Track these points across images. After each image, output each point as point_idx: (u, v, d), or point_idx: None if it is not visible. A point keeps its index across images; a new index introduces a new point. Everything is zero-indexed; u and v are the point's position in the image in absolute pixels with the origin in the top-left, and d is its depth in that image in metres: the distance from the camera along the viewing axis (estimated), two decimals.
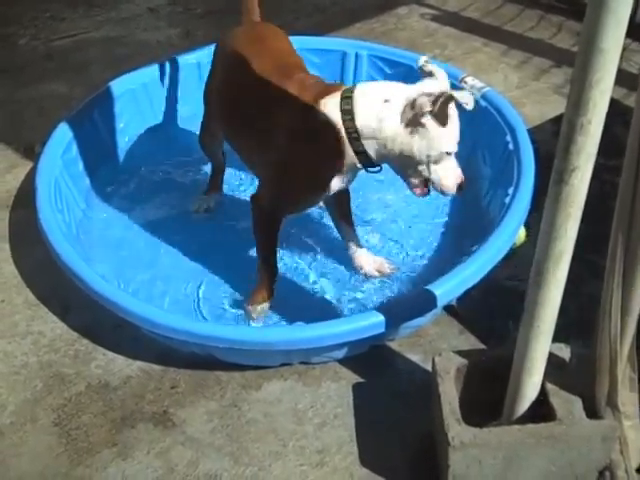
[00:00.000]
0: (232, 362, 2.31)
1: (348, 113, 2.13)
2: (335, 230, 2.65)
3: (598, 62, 1.32)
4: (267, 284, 2.42)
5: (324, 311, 2.44)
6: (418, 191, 2.23)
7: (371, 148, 2.15)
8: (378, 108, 2.12)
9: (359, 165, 2.21)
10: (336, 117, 2.14)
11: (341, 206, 2.54)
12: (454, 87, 3.12)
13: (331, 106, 2.16)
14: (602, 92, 1.36)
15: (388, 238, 2.78)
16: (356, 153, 2.17)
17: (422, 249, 2.72)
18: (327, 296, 2.55)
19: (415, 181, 2.21)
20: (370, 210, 2.91)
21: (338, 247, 2.66)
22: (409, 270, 2.63)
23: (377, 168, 2.24)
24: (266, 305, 2.43)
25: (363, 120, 2.13)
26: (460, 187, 2.20)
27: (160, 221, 2.89)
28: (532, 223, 2.45)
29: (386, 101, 2.13)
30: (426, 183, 2.21)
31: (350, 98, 2.14)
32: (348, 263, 2.63)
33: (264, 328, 2.40)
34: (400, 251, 2.72)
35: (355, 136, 2.14)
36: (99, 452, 2.13)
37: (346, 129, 2.14)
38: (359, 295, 2.54)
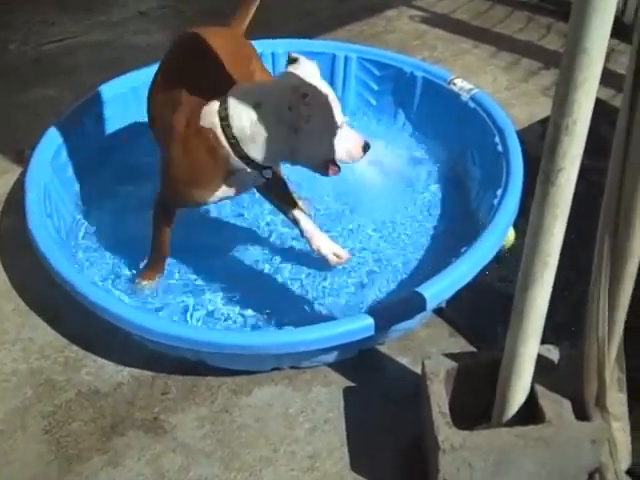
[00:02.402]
0: (223, 367, 2.30)
1: (225, 119, 2.15)
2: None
3: (583, 63, 1.32)
4: (156, 263, 2.57)
5: (312, 314, 2.45)
6: (330, 172, 2.24)
7: (254, 152, 2.16)
8: (251, 113, 2.13)
9: (249, 169, 2.21)
10: (215, 123, 2.16)
11: (278, 194, 2.57)
12: (436, 86, 3.17)
13: (211, 112, 2.17)
14: (587, 93, 1.36)
15: (377, 240, 2.77)
16: (240, 158, 2.18)
17: (411, 251, 2.72)
18: (314, 299, 2.54)
19: (320, 166, 2.24)
20: (358, 212, 2.91)
21: None
22: (398, 272, 2.63)
23: (268, 171, 2.26)
24: (154, 282, 2.57)
25: (238, 126, 2.14)
26: (365, 149, 2.23)
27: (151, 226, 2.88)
28: (521, 224, 2.45)
29: (257, 105, 2.13)
30: (332, 161, 2.23)
31: (226, 104, 2.15)
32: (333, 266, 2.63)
33: (254, 332, 2.39)
34: (389, 253, 2.71)
35: (234, 142, 2.15)
36: (89, 460, 2.12)
37: (225, 135, 2.16)
38: (347, 298, 2.54)
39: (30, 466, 2.12)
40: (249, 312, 2.50)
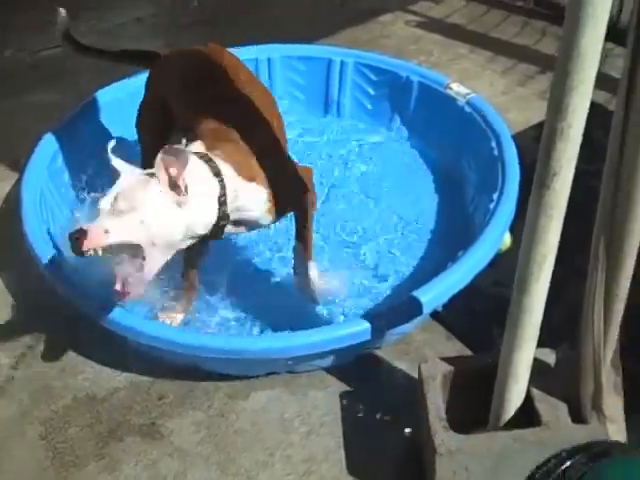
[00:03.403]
0: (218, 372, 2.30)
1: None
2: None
3: (577, 66, 1.33)
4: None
5: (308, 319, 2.43)
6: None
7: None
8: None
9: None
10: None
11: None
12: (439, 94, 3.18)
13: None
14: (582, 96, 1.36)
15: (372, 245, 2.77)
16: None
17: (408, 255, 2.72)
18: (310, 304, 2.52)
19: None
20: (355, 217, 2.92)
21: (319, 255, 2.68)
22: (395, 276, 2.63)
23: None
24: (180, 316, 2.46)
25: None
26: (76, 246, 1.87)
27: None
28: (517, 228, 2.46)
29: None
30: None
31: None
32: (331, 270, 2.63)
33: (250, 337, 2.39)
34: (386, 257, 2.72)
35: None
36: (86, 466, 2.12)
37: None
38: (343, 302, 2.53)
39: (27, 472, 2.12)
40: (244, 317, 2.50)
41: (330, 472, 2.06)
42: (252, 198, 2.12)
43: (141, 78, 3.24)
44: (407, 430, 2.11)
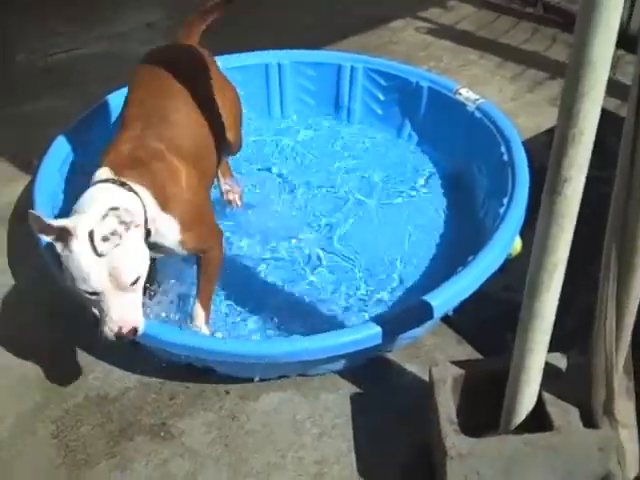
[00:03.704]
0: (230, 375, 2.32)
1: None
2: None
3: (588, 73, 1.33)
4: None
5: (319, 323, 2.44)
6: (107, 334, 1.94)
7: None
8: None
9: None
10: None
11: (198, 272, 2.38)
12: (449, 100, 3.20)
13: None
14: (593, 103, 1.37)
15: (384, 249, 2.79)
16: None
17: (418, 260, 2.73)
18: (321, 308, 2.55)
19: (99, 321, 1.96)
20: (365, 222, 2.94)
21: (332, 256, 2.73)
22: (405, 281, 2.64)
23: None
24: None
25: None
26: (119, 336, 1.92)
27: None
28: (527, 234, 2.46)
29: None
30: None
31: None
32: (343, 275, 2.67)
33: (262, 341, 2.40)
34: (397, 262, 2.73)
35: None
36: (98, 464, 2.14)
37: None
38: (355, 306, 2.55)
39: (39, 470, 2.13)
40: (255, 320, 2.51)
41: (341, 474, 2.07)
42: (166, 225, 2.10)
43: None
44: None
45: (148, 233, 2.04)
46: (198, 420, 2.24)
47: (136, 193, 2.01)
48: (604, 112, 1.41)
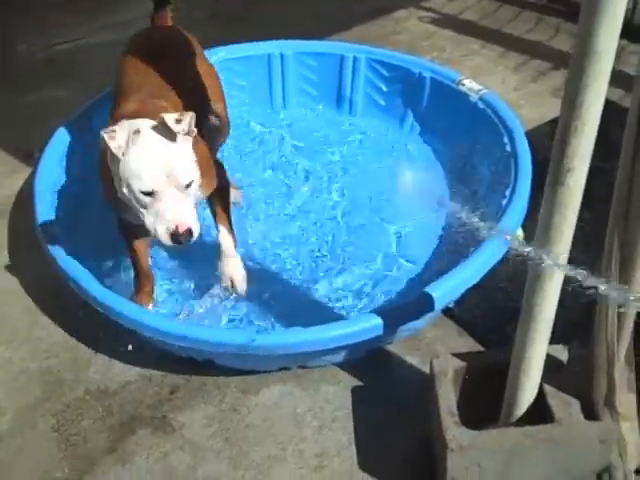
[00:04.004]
0: (231, 367, 2.31)
1: None
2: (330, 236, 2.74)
3: (592, 64, 1.32)
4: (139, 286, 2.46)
5: (320, 315, 2.43)
6: (161, 238, 1.97)
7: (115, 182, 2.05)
8: None
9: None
10: None
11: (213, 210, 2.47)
12: (452, 90, 3.18)
13: None
14: (596, 93, 1.36)
15: (385, 240, 2.77)
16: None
17: (419, 251, 2.72)
18: (322, 299, 2.55)
19: (149, 226, 1.99)
20: (366, 213, 2.92)
21: (333, 250, 2.71)
22: (407, 272, 2.63)
23: None
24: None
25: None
26: (175, 236, 1.95)
27: None
28: (530, 225, 2.45)
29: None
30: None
31: None
32: (344, 266, 2.65)
33: (262, 333, 2.39)
34: (397, 253, 2.72)
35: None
36: (98, 458, 2.14)
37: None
38: (355, 298, 2.54)
39: (39, 464, 2.13)
40: (257, 312, 2.51)
41: (342, 467, 2.06)
42: None
43: None
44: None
45: None
46: (199, 413, 2.23)
47: None
48: (610, 103, 1.40)
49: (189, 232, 1.95)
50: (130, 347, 2.39)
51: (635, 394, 1.84)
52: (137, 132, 1.94)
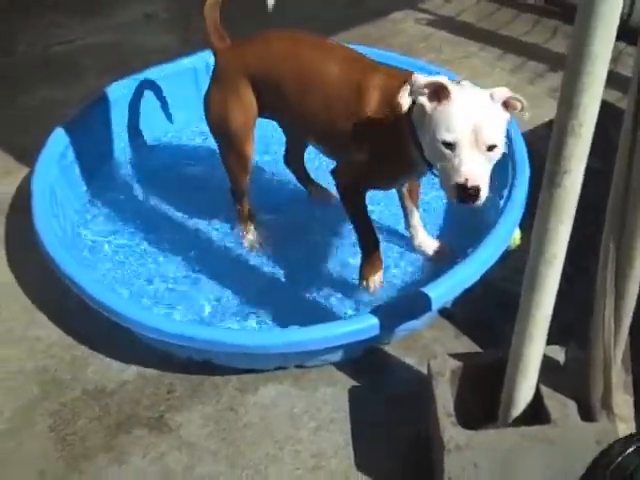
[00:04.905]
0: (229, 365, 2.31)
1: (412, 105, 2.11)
2: (331, 236, 2.74)
3: (588, 65, 1.33)
4: (373, 254, 2.44)
5: (317, 314, 2.44)
6: (449, 194, 2.00)
7: (422, 140, 2.09)
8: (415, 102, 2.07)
9: (421, 161, 2.15)
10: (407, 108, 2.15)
11: (411, 192, 2.63)
12: None
13: (406, 97, 2.12)
14: (592, 95, 1.36)
15: (382, 240, 2.77)
16: (416, 145, 2.13)
17: (416, 252, 2.72)
18: (319, 299, 2.55)
19: (442, 182, 2.03)
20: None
21: (332, 251, 2.72)
22: (404, 273, 2.64)
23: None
24: (380, 275, 2.46)
25: (416, 113, 2.09)
26: (462, 194, 1.95)
27: (157, 226, 2.89)
28: (527, 226, 2.46)
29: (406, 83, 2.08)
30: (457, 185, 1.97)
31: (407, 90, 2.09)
32: (342, 267, 2.66)
33: (259, 331, 2.40)
34: (395, 253, 2.72)
35: (413, 128, 2.12)
36: (95, 457, 2.14)
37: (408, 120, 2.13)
38: (352, 297, 2.55)
39: (36, 463, 2.13)
40: (254, 311, 2.51)
41: (339, 467, 2.06)
42: None
43: (150, 74, 3.28)
44: None
45: None
46: (196, 413, 2.23)
47: None
48: (604, 104, 1.41)
49: (477, 189, 1.94)
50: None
51: (632, 395, 1.85)
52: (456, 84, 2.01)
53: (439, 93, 1.97)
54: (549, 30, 4.25)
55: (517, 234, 2.57)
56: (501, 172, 2.68)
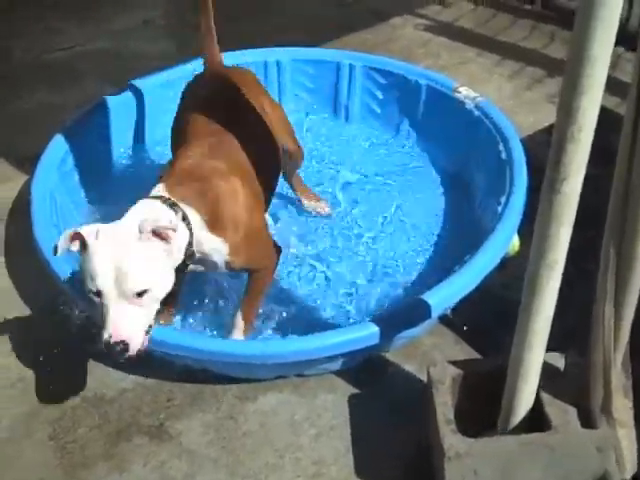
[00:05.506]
0: (227, 375, 2.31)
1: None
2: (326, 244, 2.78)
3: (587, 68, 1.33)
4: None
5: (316, 323, 2.44)
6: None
7: None
8: None
9: None
10: None
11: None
12: (447, 98, 3.19)
13: None
14: (592, 100, 1.36)
15: (381, 247, 2.78)
16: None
17: (415, 258, 2.73)
18: (318, 308, 2.55)
19: None
20: (363, 220, 2.93)
21: (328, 256, 2.73)
22: (403, 279, 2.63)
23: None
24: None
25: None
26: (110, 349, 1.84)
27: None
28: (525, 232, 2.46)
29: None
30: None
31: None
32: (338, 275, 2.66)
33: (259, 342, 2.39)
34: (394, 260, 2.72)
35: None
36: (95, 466, 2.13)
37: None
38: (351, 306, 2.55)
39: (36, 472, 2.12)
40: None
41: (339, 475, 2.06)
42: (214, 247, 2.11)
43: (148, 80, 3.29)
44: None
45: (191, 255, 2.03)
46: (196, 421, 2.23)
47: (184, 214, 2.01)
48: (603, 110, 1.41)
49: (123, 345, 1.84)
50: None
51: (632, 401, 1.85)
52: (99, 232, 1.88)
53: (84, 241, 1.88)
54: (546, 35, 4.26)
55: (516, 240, 2.57)
56: (500, 178, 2.70)
